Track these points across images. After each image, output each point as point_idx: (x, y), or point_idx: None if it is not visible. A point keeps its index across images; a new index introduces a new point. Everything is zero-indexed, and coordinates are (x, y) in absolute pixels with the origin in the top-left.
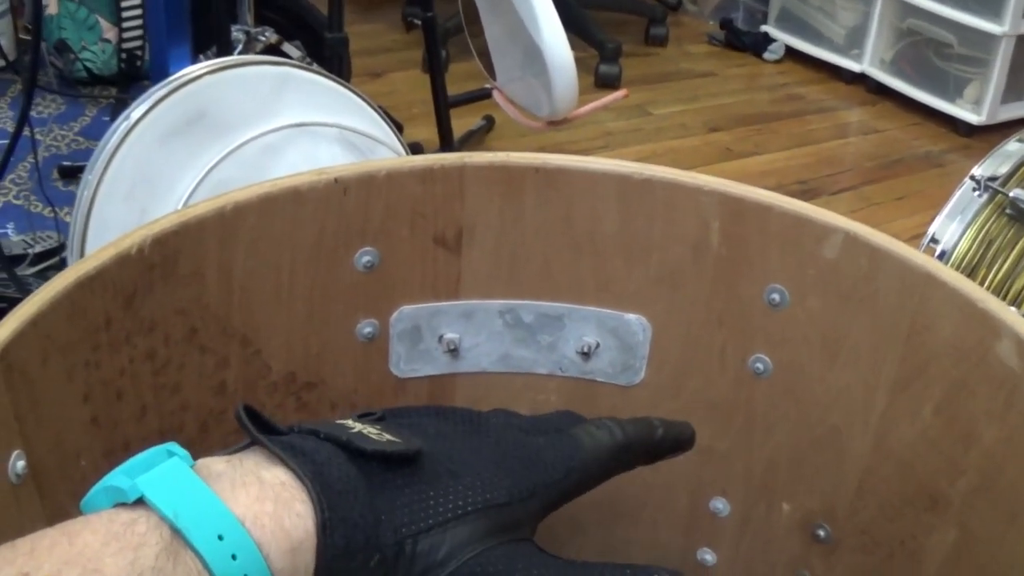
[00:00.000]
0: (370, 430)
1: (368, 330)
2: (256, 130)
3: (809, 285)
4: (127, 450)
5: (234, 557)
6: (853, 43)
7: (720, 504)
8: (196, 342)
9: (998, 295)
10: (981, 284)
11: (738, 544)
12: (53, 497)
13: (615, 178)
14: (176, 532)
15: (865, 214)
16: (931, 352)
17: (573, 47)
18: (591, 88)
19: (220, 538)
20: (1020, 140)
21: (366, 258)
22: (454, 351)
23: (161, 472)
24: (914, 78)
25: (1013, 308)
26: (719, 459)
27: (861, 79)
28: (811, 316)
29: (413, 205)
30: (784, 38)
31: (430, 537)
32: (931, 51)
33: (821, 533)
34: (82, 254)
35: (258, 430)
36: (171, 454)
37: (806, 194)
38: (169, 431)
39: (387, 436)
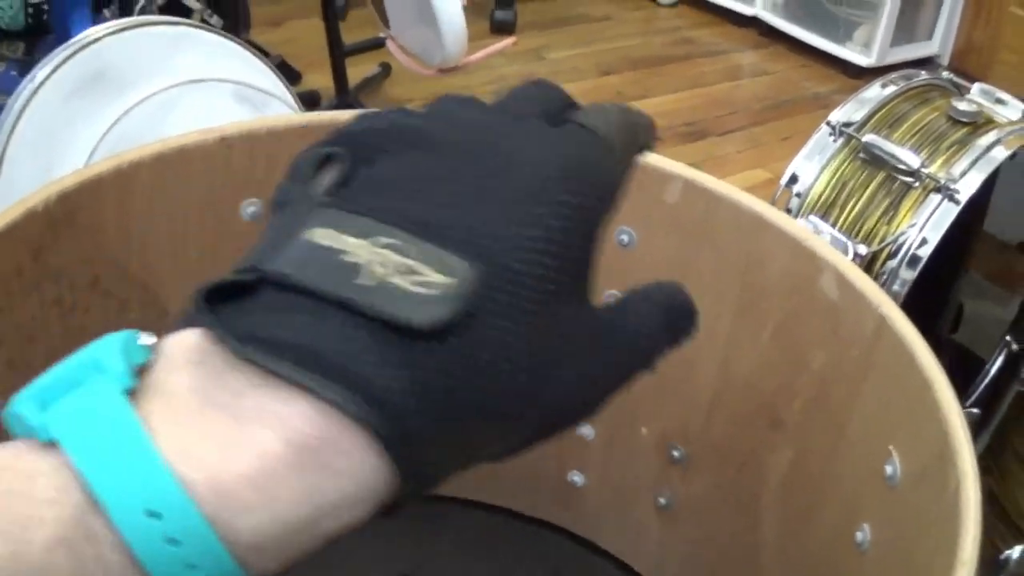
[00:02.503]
0: (381, 253)
1: None
2: (154, 87)
3: (654, 227)
4: None
5: (173, 542)
6: None
7: (586, 429)
8: (99, 288)
9: (850, 233)
10: (835, 223)
11: (604, 466)
12: None
13: None
14: (91, 500)
15: (751, 154)
16: (765, 286)
17: None
18: (486, 34)
19: (154, 515)
20: (882, 86)
21: (251, 208)
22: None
23: (81, 401)
24: (805, 21)
25: (864, 245)
26: None
27: (753, 22)
28: (658, 254)
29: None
30: None
31: None
32: None
33: (676, 454)
34: None
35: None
36: (100, 368)
37: (694, 135)
38: None
39: (412, 266)
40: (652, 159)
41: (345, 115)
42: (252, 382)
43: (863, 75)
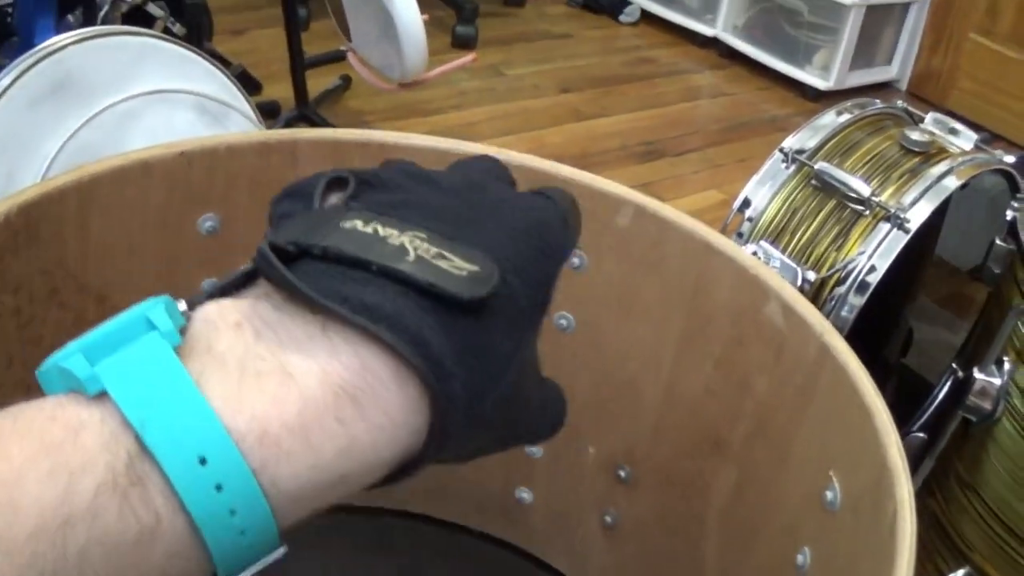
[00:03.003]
0: (415, 242)
1: None
2: (116, 97)
3: (605, 250)
4: None
5: (219, 488)
6: (707, 8)
7: (534, 447)
8: (57, 299)
9: (800, 259)
10: (785, 249)
11: (551, 484)
12: None
13: (434, 153)
14: (141, 449)
15: (706, 175)
16: (711, 312)
17: (431, 6)
18: (447, 48)
19: (202, 461)
20: (837, 113)
21: (209, 223)
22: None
23: (131, 356)
24: (765, 43)
25: (812, 272)
26: None
27: (713, 43)
28: (608, 278)
29: (251, 175)
30: (640, 1)
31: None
32: (783, 18)
33: (622, 474)
34: None
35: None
36: (151, 325)
37: (651, 155)
38: (33, 380)
39: (443, 253)
40: (605, 184)
41: (305, 133)
42: (294, 338)
43: (821, 98)
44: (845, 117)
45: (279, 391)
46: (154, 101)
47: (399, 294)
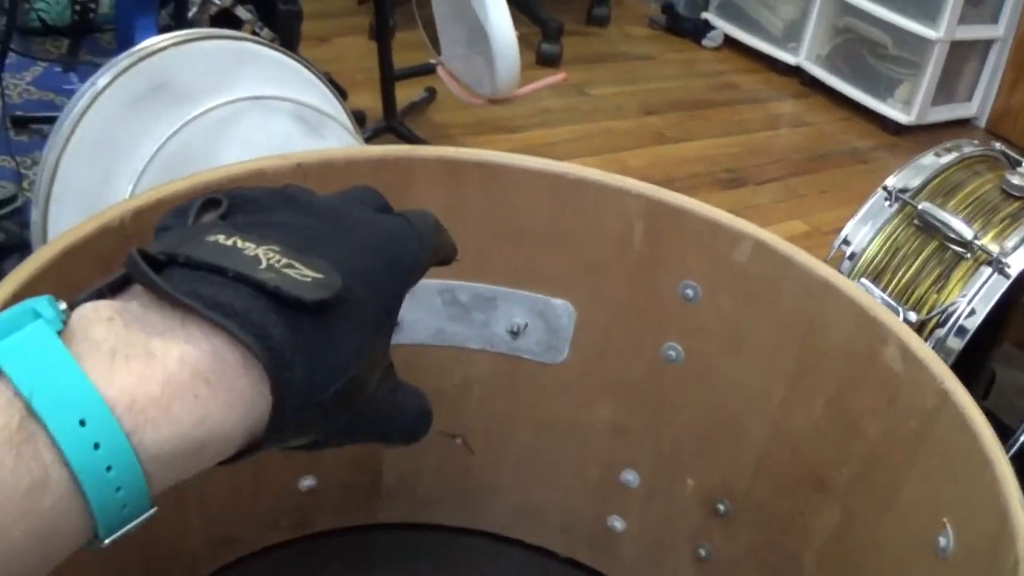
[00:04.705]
0: (269, 254)
1: None
2: (214, 101)
3: (720, 284)
4: None
5: (96, 446)
6: (790, 36)
7: (631, 476)
8: None
9: (900, 299)
10: (886, 288)
11: (645, 514)
12: None
13: (550, 177)
14: (30, 413)
15: (788, 205)
16: (825, 351)
17: (515, 24)
18: (532, 65)
19: (82, 423)
20: (936, 154)
21: None
22: (396, 324)
23: (21, 339)
24: (848, 74)
25: (913, 313)
26: (632, 435)
27: (796, 72)
28: (720, 312)
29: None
30: (723, 26)
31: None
32: (866, 50)
33: (721, 508)
34: (46, 212)
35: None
36: (37, 315)
37: (733, 182)
38: None
39: (292, 263)
40: (723, 217)
41: (422, 151)
42: (157, 329)
43: (902, 132)
44: (946, 158)
45: (145, 370)
46: (252, 107)
47: (250, 296)
